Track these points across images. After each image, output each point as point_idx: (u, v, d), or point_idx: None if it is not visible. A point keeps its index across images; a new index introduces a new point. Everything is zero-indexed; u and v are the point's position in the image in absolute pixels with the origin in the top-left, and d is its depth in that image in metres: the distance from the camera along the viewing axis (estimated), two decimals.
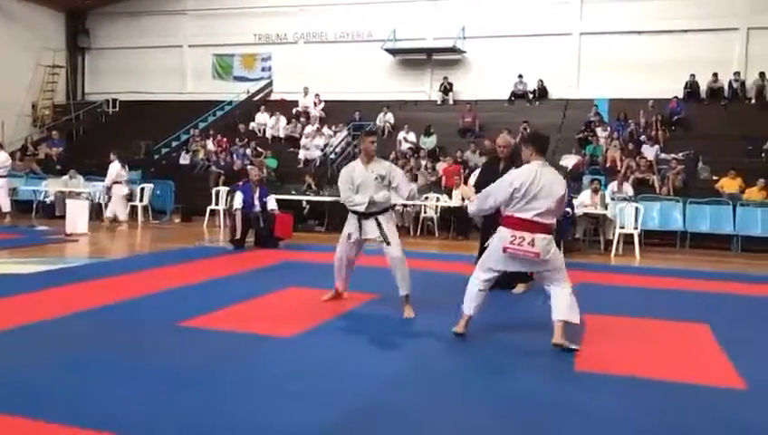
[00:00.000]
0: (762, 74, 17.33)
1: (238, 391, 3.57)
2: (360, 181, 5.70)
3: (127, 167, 13.96)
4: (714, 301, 6.96)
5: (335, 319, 5.45)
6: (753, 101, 17.48)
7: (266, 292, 6.48)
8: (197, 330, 4.96)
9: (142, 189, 14.61)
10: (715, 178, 14.43)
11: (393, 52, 20.51)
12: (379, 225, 5.66)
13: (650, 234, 12.51)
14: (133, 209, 14.27)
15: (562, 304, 4.51)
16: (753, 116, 16.71)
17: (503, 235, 4.60)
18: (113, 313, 5.44)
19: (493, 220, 5.41)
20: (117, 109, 23.07)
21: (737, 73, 17.78)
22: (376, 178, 5.68)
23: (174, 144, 19.69)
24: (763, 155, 15.27)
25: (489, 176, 6.12)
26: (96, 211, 13.89)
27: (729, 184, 13.79)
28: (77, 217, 11.58)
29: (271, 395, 3.54)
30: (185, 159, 18.39)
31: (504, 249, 4.56)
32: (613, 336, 5.14)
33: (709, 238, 12.51)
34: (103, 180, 13.91)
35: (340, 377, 3.90)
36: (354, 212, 5.78)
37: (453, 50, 19.92)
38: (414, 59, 20.67)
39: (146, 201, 14.56)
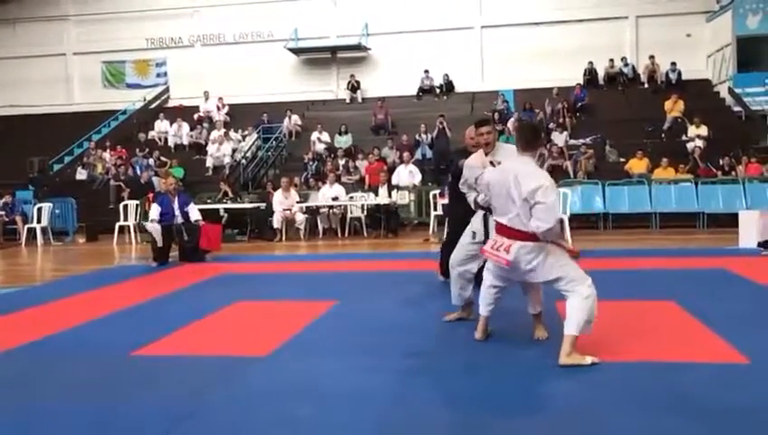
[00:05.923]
0: (651, 57, 18.27)
1: (249, 423, 3.13)
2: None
3: None
4: (663, 277, 7.04)
5: (303, 332, 5.03)
6: (646, 84, 18.41)
7: (212, 310, 5.93)
8: (159, 359, 4.41)
9: (39, 210, 13.39)
10: (622, 159, 15.01)
11: (296, 51, 20.04)
12: None
13: (571, 217, 12.74)
14: (30, 232, 13.07)
15: (570, 315, 3.97)
16: (647, 99, 17.63)
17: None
18: (48, 349, 4.74)
19: (463, 212, 5.22)
20: None
21: (624, 59, 18.67)
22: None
23: (67, 159, 18.29)
24: (663, 135, 16.08)
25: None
26: None
27: (637, 165, 14.36)
28: None
29: (283, 424, 3.11)
30: (81, 175, 17.12)
31: (482, 251, 4.25)
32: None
33: (628, 218, 12.93)
34: None
35: (344, 396, 3.52)
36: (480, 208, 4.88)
37: (357, 47, 19.71)
38: (318, 58, 20.31)
39: (45, 222, 13.35)
